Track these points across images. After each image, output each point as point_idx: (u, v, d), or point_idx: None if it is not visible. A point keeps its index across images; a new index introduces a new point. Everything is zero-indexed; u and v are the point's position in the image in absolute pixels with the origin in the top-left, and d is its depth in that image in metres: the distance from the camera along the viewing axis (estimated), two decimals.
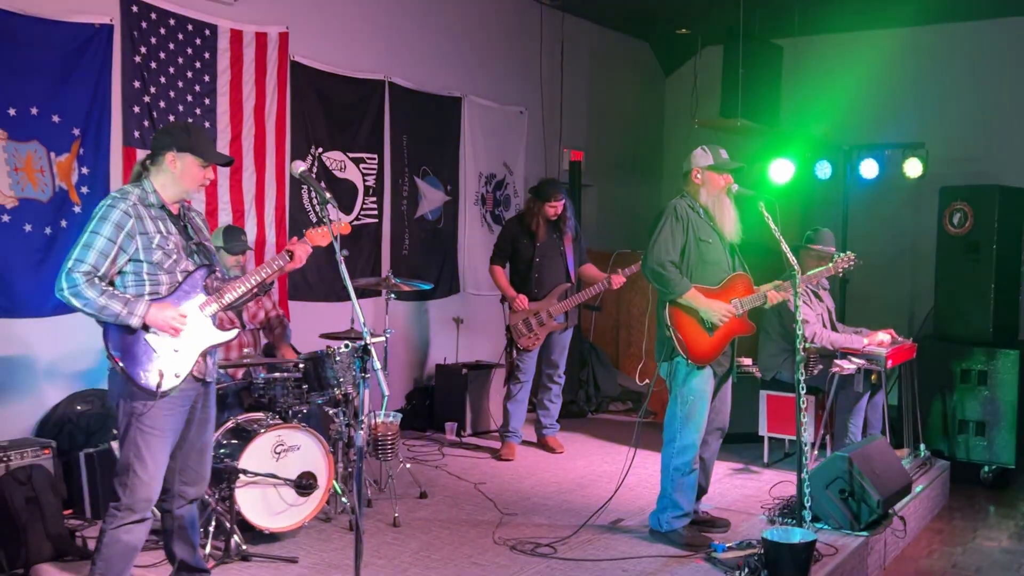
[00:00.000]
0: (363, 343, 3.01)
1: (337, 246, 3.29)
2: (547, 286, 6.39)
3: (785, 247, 4.59)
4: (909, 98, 8.48)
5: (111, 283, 3.45)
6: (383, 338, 3.20)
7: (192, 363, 3.52)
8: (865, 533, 4.76)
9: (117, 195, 3.50)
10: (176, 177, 3.54)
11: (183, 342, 3.49)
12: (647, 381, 4.30)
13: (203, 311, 3.58)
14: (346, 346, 3.01)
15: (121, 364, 3.40)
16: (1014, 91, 8.20)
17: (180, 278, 3.54)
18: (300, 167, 3.37)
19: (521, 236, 6.44)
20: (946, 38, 8.46)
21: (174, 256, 3.52)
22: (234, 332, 3.72)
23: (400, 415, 4.95)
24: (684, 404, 4.60)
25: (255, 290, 3.74)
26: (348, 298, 5.94)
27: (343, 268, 3.16)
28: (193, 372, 3.54)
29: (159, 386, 3.41)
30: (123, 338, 3.41)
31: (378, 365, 2.99)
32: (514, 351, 6.39)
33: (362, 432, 3.03)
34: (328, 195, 3.24)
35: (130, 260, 3.45)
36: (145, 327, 3.41)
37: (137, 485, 3.43)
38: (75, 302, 3.35)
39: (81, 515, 4.84)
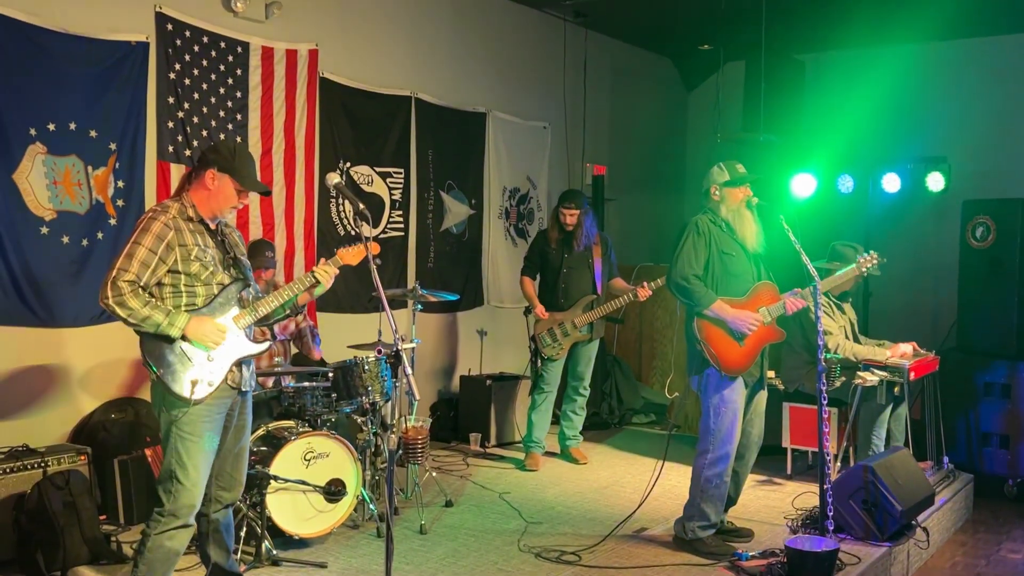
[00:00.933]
0: (395, 348, 3.09)
1: (371, 255, 3.37)
2: (573, 297, 6.48)
3: (805, 259, 4.65)
4: (931, 112, 8.50)
5: (150, 293, 3.56)
6: (413, 344, 3.27)
7: (224, 373, 3.62)
8: (888, 543, 4.77)
9: (158, 208, 3.62)
10: (212, 194, 3.65)
11: (216, 352, 3.59)
12: (677, 394, 4.37)
13: (237, 323, 3.67)
14: (379, 351, 3.08)
15: (158, 373, 3.52)
16: None
17: (216, 290, 3.64)
18: (335, 179, 3.47)
19: (548, 247, 6.55)
20: (967, 53, 8.48)
21: (211, 268, 3.63)
22: (266, 344, 3.82)
23: (430, 419, 5.04)
24: (717, 416, 4.66)
25: (286, 310, 3.83)
26: (375, 310, 6.08)
27: (375, 276, 3.25)
28: (228, 381, 3.63)
29: (192, 394, 3.51)
30: (159, 347, 3.52)
31: (410, 370, 3.07)
32: (539, 361, 6.48)
33: (393, 435, 3.11)
34: (362, 206, 3.34)
35: (169, 271, 3.55)
36: (183, 337, 3.52)
37: (180, 491, 3.52)
38: (119, 312, 3.45)
39: (115, 520, 4.95)
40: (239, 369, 3.69)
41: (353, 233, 6.80)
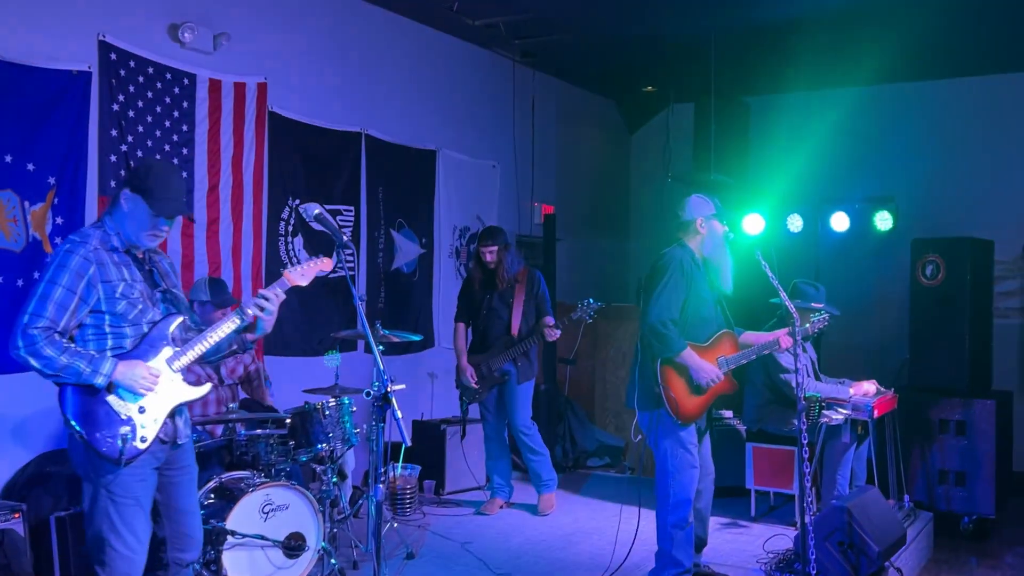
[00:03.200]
0: (384, 391, 2.88)
1: (355, 290, 3.16)
2: (491, 338, 6.34)
3: (784, 297, 4.58)
4: (878, 153, 8.67)
5: (71, 338, 3.16)
6: (403, 386, 3.05)
7: (159, 425, 3.21)
8: None
9: (76, 238, 3.19)
10: (126, 219, 3.22)
11: (149, 402, 3.19)
12: (640, 437, 4.30)
13: (171, 365, 3.26)
14: (367, 394, 2.86)
15: (80, 431, 3.11)
16: (980, 147, 8.44)
17: (146, 329, 3.25)
18: (315, 209, 3.24)
19: (473, 288, 6.44)
20: (912, 95, 8.69)
21: (139, 306, 3.24)
22: (206, 388, 3.40)
23: (419, 467, 4.78)
24: (674, 457, 4.56)
25: (232, 345, 3.49)
26: (324, 352, 5.81)
27: (361, 313, 3.04)
28: (160, 435, 3.23)
29: (122, 453, 3.11)
30: (82, 400, 3.12)
31: (399, 414, 2.86)
32: (463, 404, 6.43)
33: (381, 486, 2.89)
34: (345, 238, 3.12)
35: (91, 311, 3.16)
36: (110, 387, 3.12)
37: (116, 560, 3.14)
38: (33, 362, 3.06)
39: None
40: (172, 420, 3.28)
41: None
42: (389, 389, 2.87)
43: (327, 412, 4.70)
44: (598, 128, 10.16)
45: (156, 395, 3.21)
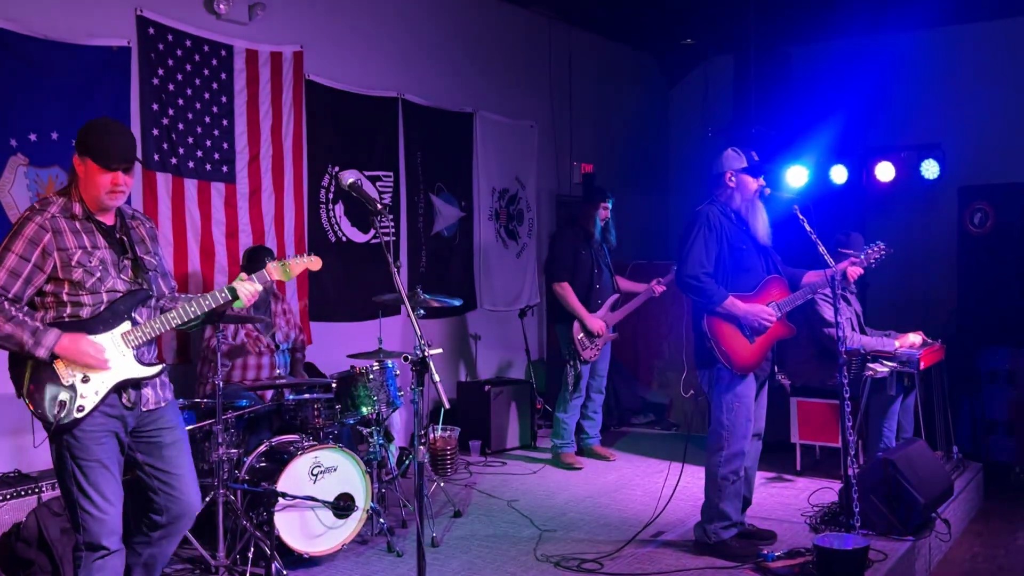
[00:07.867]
0: (421, 355, 2.94)
1: (391, 258, 3.19)
2: (604, 297, 6.42)
3: (822, 249, 4.56)
4: (923, 99, 8.46)
5: (30, 305, 3.16)
6: (439, 350, 3.09)
7: (101, 397, 3.15)
8: (911, 537, 4.68)
9: (36, 206, 3.19)
10: (84, 183, 3.16)
11: (94, 372, 3.15)
12: (692, 392, 4.27)
13: (125, 341, 3.20)
14: (405, 358, 2.91)
15: (27, 391, 3.12)
16: None
17: (106, 299, 3.18)
18: (349, 178, 3.26)
19: (581, 246, 6.43)
20: (958, 39, 8.44)
21: (97, 274, 3.16)
22: (158, 368, 3.30)
23: (458, 428, 4.86)
24: (730, 411, 4.53)
25: (191, 321, 3.36)
26: (369, 317, 5.90)
27: (397, 280, 3.08)
28: (123, 401, 3.20)
29: (57, 417, 3.09)
30: (27, 360, 3.11)
31: (437, 378, 2.91)
32: (578, 364, 6.37)
33: (422, 447, 2.96)
34: (379, 206, 3.15)
35: (49, 279, 3.12)
36: (54, 356, 3.10)
37: (89, 522, 3.15)
38: None
39: None
40: (137, 390, 3.23)
41: (344, 240, 6.64)
42: (426, 353, 2.90)
43: (371, 376, 4.79)
44: (636, 83, 10.06)
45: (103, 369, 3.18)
